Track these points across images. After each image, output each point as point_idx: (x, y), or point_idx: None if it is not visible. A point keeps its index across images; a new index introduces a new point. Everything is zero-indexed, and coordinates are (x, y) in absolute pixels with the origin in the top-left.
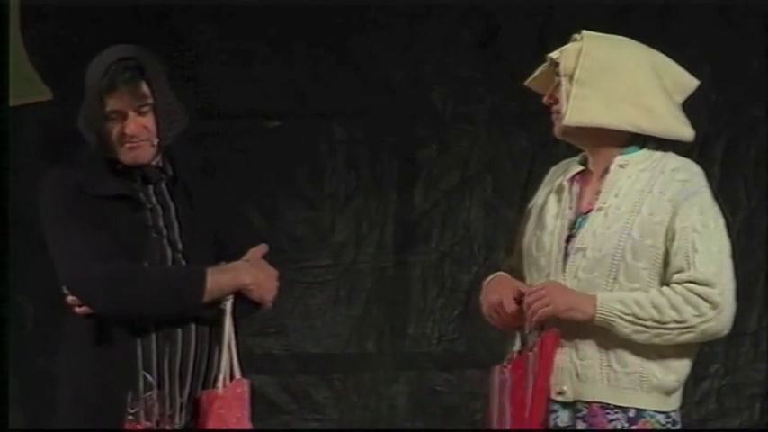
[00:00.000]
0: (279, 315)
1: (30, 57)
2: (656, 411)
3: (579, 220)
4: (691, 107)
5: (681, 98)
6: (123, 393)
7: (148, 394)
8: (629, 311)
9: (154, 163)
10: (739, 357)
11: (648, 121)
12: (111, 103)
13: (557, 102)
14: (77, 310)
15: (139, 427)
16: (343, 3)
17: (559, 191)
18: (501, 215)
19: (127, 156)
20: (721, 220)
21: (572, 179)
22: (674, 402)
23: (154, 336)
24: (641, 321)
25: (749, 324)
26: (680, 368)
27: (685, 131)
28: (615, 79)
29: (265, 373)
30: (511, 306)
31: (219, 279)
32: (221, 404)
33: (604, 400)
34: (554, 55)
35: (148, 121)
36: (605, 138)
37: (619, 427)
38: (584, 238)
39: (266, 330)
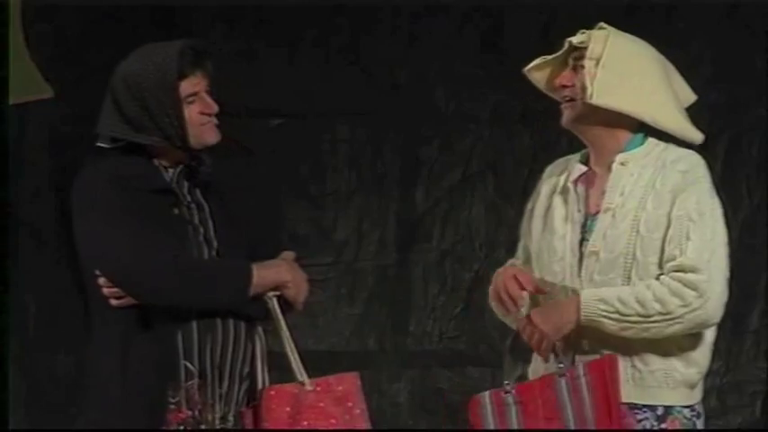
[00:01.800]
0: None
1: (31, 55)
2: (682, 407)
3: (589, 222)
4: (693, 105)
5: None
6: (165, 382)
7: (190, 383)
8: (612, 309)
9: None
10: (741, 355)
11: (665, 117)
12: (188, 87)
13: (573, 85)
14: (116, 302)
15: (181, 415)
16: (346, 2)
17: (564, 192)
18: (502, 214)
19: (204, 137)
20: (719, 210)
21: (576, 180)
22: (697, 395)
23: (195, 326)
24: (625, 318)
25: (751, 322)
26: (701, 360)
27: (695, 134)
28: (636, 72)
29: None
30: (512, 285)
31: (264, 275)
32: (319, 398)
33: (632, 401)
34: (576, 39)
35: (212, 100)
36: (614, 128)
37: (648, 426)
38: (595, 240)
39: (267, 328)
